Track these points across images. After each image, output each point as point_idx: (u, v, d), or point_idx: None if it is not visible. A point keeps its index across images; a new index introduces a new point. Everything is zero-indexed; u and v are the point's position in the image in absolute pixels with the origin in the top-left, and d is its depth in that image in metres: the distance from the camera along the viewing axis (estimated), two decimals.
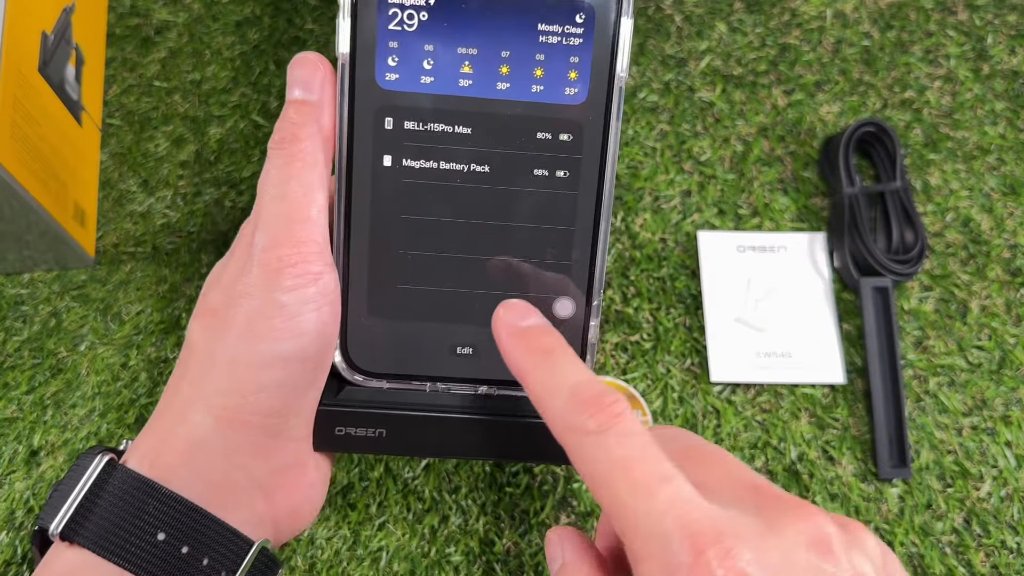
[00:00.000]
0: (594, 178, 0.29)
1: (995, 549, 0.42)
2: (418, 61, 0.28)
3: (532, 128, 0.29)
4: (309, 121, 0.28)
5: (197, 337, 0.28)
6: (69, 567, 0.25)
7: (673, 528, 0.20)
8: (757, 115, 0.52)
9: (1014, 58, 0.53)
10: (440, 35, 0.28)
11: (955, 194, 0.49)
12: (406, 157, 0.29)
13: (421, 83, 0.28)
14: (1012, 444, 0.44)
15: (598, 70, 0.29)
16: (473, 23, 0.28)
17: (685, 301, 0.47)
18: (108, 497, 0.25)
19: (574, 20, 0.28)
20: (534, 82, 0.29)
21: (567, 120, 0.29)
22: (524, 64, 0.28)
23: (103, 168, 0.51)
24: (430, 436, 0.31)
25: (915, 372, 0.45)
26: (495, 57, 0.28)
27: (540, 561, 0.41)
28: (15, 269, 0.48)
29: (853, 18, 0.54)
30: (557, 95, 0.29)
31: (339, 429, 0.31)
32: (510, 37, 0.28)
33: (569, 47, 0.28)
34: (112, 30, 0.55)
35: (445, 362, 0.31)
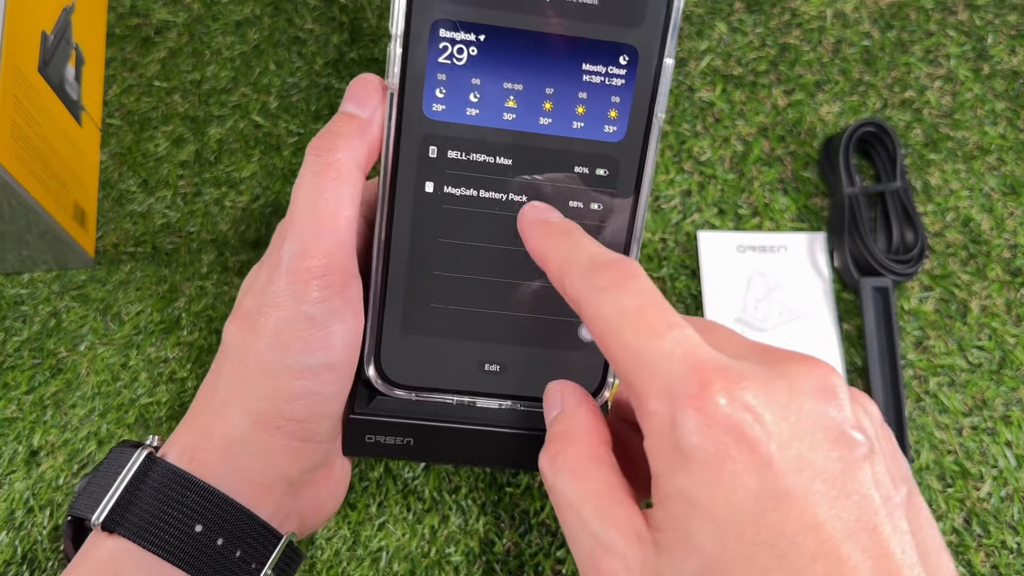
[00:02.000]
0: (627, 211, 0.31)
1: (995, 549, 0.42)
2: (465, 94, 0.29)
3: (570, 162, 0.30)
4: (352, 134, 0.28)
5: (232, 341, 0.29)
6: (110, 555, 0.26)
7: (679, 365, 0.21)
8: (757, 115, 0.52)
9: (1014, 58, 0.53)
10: (488, 70, 0.29)
11: (955, 194, 0.49)
12: (448, 184, 0.30)
13: (467, 115, 0.29)
14: (1012, 444, 0.44)
15: (637, 110, 0.29)
16: (520, 60, 0.29)
17: (685, 301, 0.47)
18: (149, 489, 0.26)
19: (618, 61, 0.29)
20: (575, 119, 0.29)
21: (604, 156, 0.30)
22: (567, 101, 0.29)
23: (103, 168, 0.51)
24: (456, 445, 0.33)
25: (915, 372, 0.45)
26: (539, 93, 0.29)
27: (540, 561, 0.41)
28: (15, 269, 0.48)
29: (853, 18, 0.54)
30: (596, 132, 0.30)
31: (369, 437, 0.33)
32: (555, 75, 0.29)
33: (611, 87, 0.29)
34: (112, 30, 0.55)
35: (473, 378, 0.32)
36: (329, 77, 0.53)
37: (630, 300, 0.23)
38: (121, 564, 0.26)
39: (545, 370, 0.32)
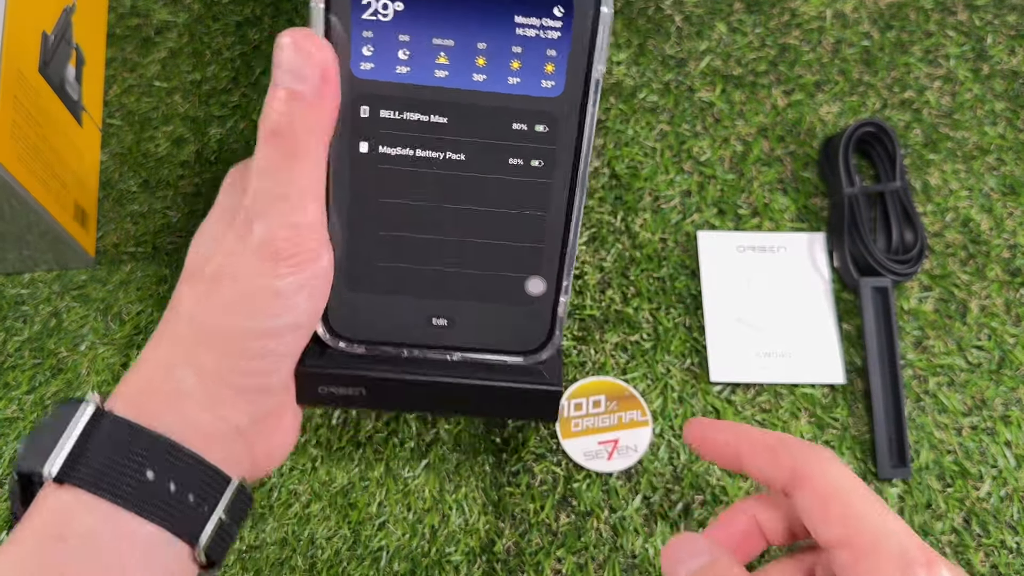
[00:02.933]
0: (568, 168, 0.30)
1: (995, 549, 0.42)
2: (393, 51, 0.28)
3: (508, 119, 0.29)
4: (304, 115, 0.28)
5: (187, 305, 0.29)
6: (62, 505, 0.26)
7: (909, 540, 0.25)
8: (757, 115, 0.52)
9: (1014, 58, 0.53)
10: (416, 26, 0.28)
11: (955, 194, 0.49)
12: (382, 144, 0.29)
13: (397, 73, 0.28)
14: (1012, 444, 0.44)
15: (575, 64, 0.29)
16: (449, 14, 0.28)
17: (685, 301, 0.47)
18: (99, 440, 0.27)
19: (551, 13, 0.28)
20: (510, 74, 0.29)
21: (543, 112, 0.29)
22: (501, 56, 0.28)
23: (103, 168, 0.51)
24: (405, 395, 0.34)
25: (915, 372, 0.45)
26: (471, 49, 0.28)
27: (540, 560, 0.41)
28: (15, 269, 0.48)
29: (853, 18, 0.54)
30: (533, 87, 0.29)
31: (322, 388, 0.33)
32: (487, 29, 0.28)
33: (546, 40, 0.28)
34: (112, 30, 0.55)
35: (421, 332, 0.32)
36: None
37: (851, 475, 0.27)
38: (73, 513, 0.26)
39: (493, 322, 0.32)
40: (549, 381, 0.34)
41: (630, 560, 0.42)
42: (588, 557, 0.42)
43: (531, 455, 0.44)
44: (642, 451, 0.43)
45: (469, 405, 0.35)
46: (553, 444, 0.44)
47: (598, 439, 0.44)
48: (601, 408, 0.44)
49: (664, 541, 0.42)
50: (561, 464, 0.43)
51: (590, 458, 0.43)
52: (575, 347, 0.46)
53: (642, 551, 0.42)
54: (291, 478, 0.43)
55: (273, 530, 0.42)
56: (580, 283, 0.48)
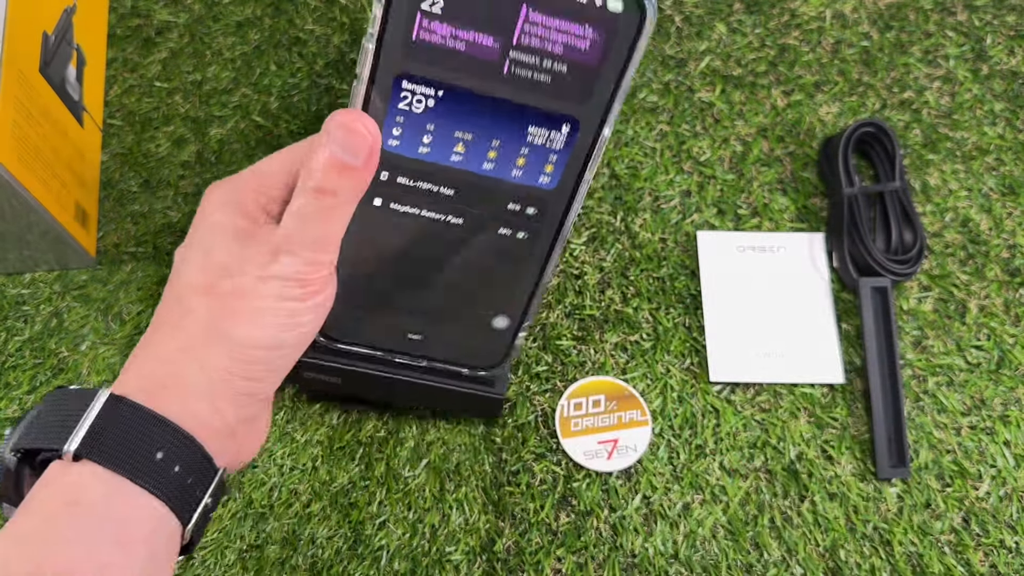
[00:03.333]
0: (549, 240, 0.35)
1: (994, 548, 0.42)
2: (419, 136, 0.32)
3: (506, 200, 0.34)
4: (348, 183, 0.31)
5: (200, 307, 0.32)
6: (78, 478, 0.29)
7: None
8: (756, 115, 0.52)
9: (1013, 59, 0.53)
10: (441, 119, 0.31)
11: (954, 194, 0.49)
12: (395, 203, 0.34)
13: (418, 152, 0.32)
14: (1011, 444, 0.44)
15: (571, 168, 0.33)
16: (472, 116, 0.31)
17: (684, 301, 0.47)
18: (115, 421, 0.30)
19: (560, 129, 0.32)
20: (515, 168, 0.33)
21: (536, 198, 0.34)
22: (510, 153, 0.33)
23: (104, 168, 0.51)
24: (374, 387, 0.41)
25: (914, 372, 0.46)
26: (486, 144, 0.32)
27: (540, 560, 0.41)
28: (16, 269, 0.48)
29: (852, 19, 0.54)
30: (532, 179, 0.33)
31: (308, 373, 0.40)
32: (502, 132, 0.32)
33: (551, 149, 0.32)
34: (113, 31, 0.55)
35: (397, 342, 0.39)
36: (330, 78, 0.53)
37: None
38: (89, 484, 0.29)
39: (459, 344, 0.39)
40: (496, 390, 0.41)
41: (630, 559, 0.42)
42: (588, 556, 0.42)
43: (531, 455, 0.44)
44: (642, 451, 0.44)
45: (427, 400, 0.42)
46: (553, 444, 0.44)
47: (598, 439, 0.44)
48: (601, 408, 0.44)
49: (664, 541, 0.42)
50: (561, 464, 0.44)
51: (590, 458, 0.43)
52: (575, 347, 0.46)
53: (642, 550, 0.42)
54: (292, 478, 0.43)
55: (274, 529, 0.42)
56: (580, 283, 0.48)
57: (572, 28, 0.29)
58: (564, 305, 0.47)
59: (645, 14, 0.29)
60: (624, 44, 0.29)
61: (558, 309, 0.47)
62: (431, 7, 0.29)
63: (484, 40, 0.29)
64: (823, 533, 0.42)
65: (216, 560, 0.41)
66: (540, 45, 0.29)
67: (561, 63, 0.30)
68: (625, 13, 0.29)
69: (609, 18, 0.29)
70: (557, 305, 0.47)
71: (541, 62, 0.30)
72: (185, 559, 0.41)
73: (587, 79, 0.30)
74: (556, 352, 0.46)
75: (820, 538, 0.42)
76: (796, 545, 0.42)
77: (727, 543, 0.42)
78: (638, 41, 0.29)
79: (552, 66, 0.30)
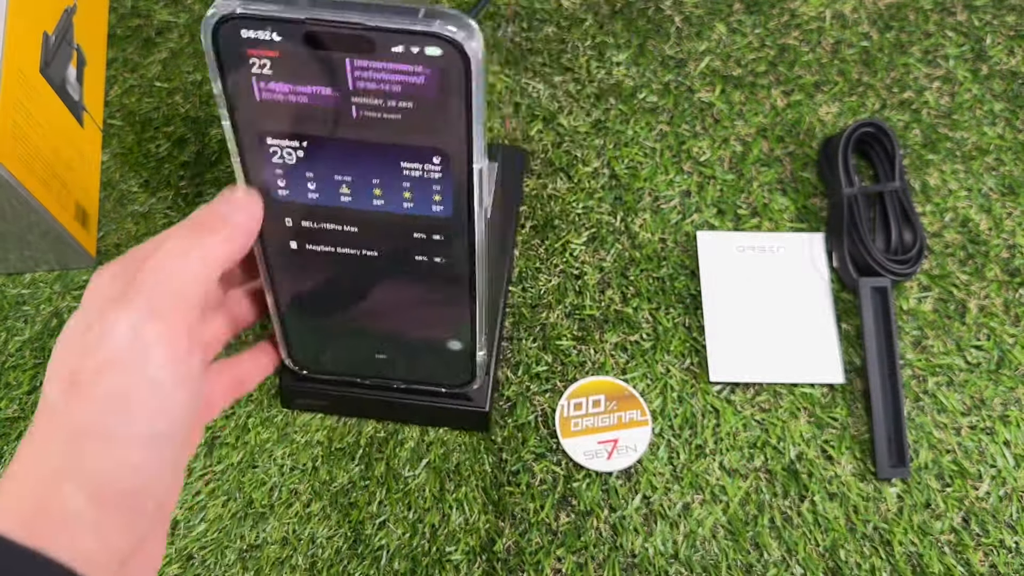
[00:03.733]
0: (467, 260, 0.35)
1: (994, 548, 0.42)
2: (303, 183, 0.33)
3: (408, 229, 0.34)
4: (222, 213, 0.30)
5: (63, 408, 0.28)
6: None
7: None
8: (756, 116, 0.52)
9: (1013, 59, 0.53)
10: (317, 167, 0.32)
11: (954, 194, 0.49)
12: (308, 243, 0.35)
13: (308, 197, 0.33)
14: (1010, 443, 0.44)
15: (459, 195, 0.33)
16: (342, 160, 0.32)
17: (684, 301, 0.47)
18: None
19: (430, 160, 0.32)
20: (404, 200, 0.33)
21: (436, 226, 0.34)
22: (393, 189, 0.33)
23: (104, 168, 0.51)
24: (362, 407, 0.44)
25: (914, 372, 0.46)
26: (368, 183, 0.33)
27: (540, 559, 0.41)
28: (17, 269, 0.48)
29: (852, 19, 0.54)
30: (425, 210, 0.33)
31: (298, 400, 0.44)
32: (378, 171, 0.32)
33: (431, 179, 0.32)
34: (113, 31, 0.55)
35: (371, 365, 0.40)
36: None
37: None
38: None
39: (424, 364, 0.40)
40: (477, 404, 0.43)
41: (630, 559, 0.42)
42: (588, 556, 0.42)
43: (531, 455, 0.44)
44: (641, 451, 0.44)
45: (414, 417, 0.44)
46: (553, 444, 0.44)
47: (598, 439, 0.44)
48: (601, 408, 0.44)
49: (664, 541, 0.42)
50: (561, 464, 0.44)
51: (590, 457, 0.43)
52: (575, 347, 0.46)
53: (642, 551, 0.42)
54: (292, 477, 0.43)
55: (274, 529, 0.42)
56: (580, 283, 0.48)
57: (401, 69, 0.29)
58: (564, 305, 0.47)
59: (467, 55, 0.28)
60: (457, 79, 0.29)
61: (558, 309, 0.47)
62: (261, 70, 0.29)
63: (323, 91, 0.30)
64: (823, 533, 0.42)
65: (216, 560, 0.41)
66: (377, 87, 0.29)
67: (405, 100, 0.30)
68: (445, 56, 0.28)
69: (433, 61, 0.28)
70: (557, 305, 0.47)
71: (385, 102, 0.30)
72: (185, 559, 0.41)
73: (436, 110, 0.30)
74: (556, 352, 0.46)
75: (820, 538, 0.42)
76: (796, 545, 0.42)
77: (727, 543, 0.42)
78: (471, 78, 0.29)
79: (398, 104, 0.30)
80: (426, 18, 0.28)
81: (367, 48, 0.28)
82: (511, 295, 0.47)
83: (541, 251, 0.49)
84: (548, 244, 0.49)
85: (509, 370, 0.46)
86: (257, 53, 0.29)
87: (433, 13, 0.28)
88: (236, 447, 0.44)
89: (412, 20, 0.28)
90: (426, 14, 0.28)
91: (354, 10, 0.28)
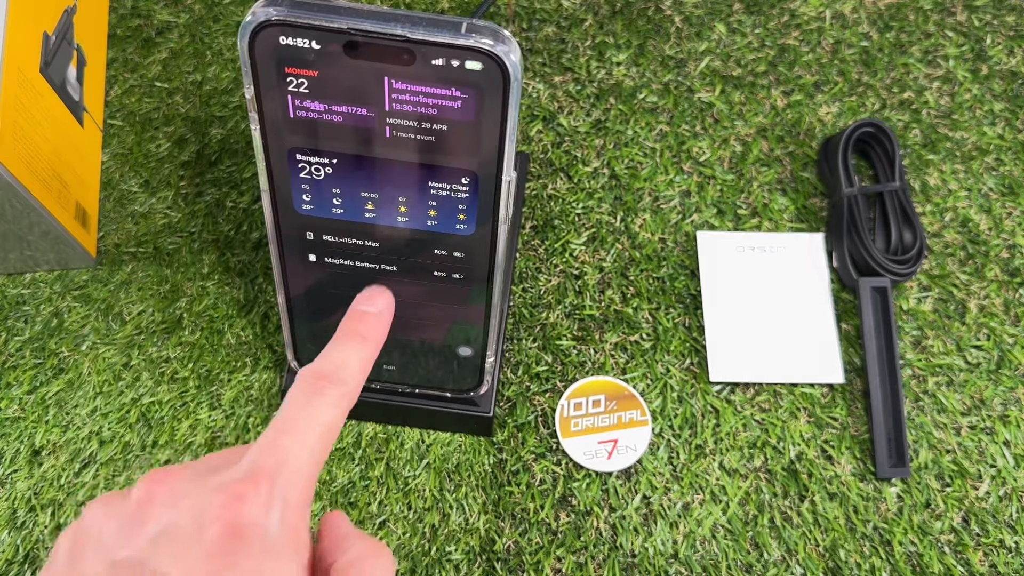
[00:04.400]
0: (485, 275, 0.35)
1: (993, 548, 0.42)
2: (328, 198, 0.33)
3: (430, 246, 0.34)
4: None
5: None
6: None
7: None
8: (756, 116, 0.52)
9: (1012, 59, 0.53)
10: (344, 183, 0.32)
11: (953, 194, 0.50)
12: (327, 256, 0.35)
13: (332, 212, 0.33)
14: (1010, 443, 0.44)
15: (483, 213, 0.33)
16: (371, 178, 0.32)
17: (684, 301, 0.47)
18: None
19: (459, 180, 0.32)
20: (429, 218, 0.33)
21: (458, 242, 0.34)
22: (419, 207, 0.33)
23: (105, 168, 0.51)
24: (372, 412, 0.44)
25: (914, 372, 0.46)
26: (394, 200, 0.33)
27: (540, 559, 0.41)
28: (17, 269, 0.48)
29: (852, 19, 0.54)
30: (448, 228, 0.33)
31: None
32: (405, 189, 0.32)
33: (457, 199, 0.32)
34: (113, 31, 0.55)
35: (378, 373, 0.41)
36: None
37: None
38: None
39: (434, 371, 0.40)
40: (483, 409, 0.43)
41: (629, 559, 0.42)
42: (587, 556, 0.42)
43: (531, 454, 0.44)
44: (641, 450, 0.44)
45: (419, 421, 0.44)
46: (553, 443, 0.44)
47: (598, 439, 0.44)
48: (601, 408, 0.44)
49: (664, 541, 0.42)
50: (561, 463, 0.44)
51: (590, 457, 0.43)
52: (575, 347, 0.46)
53: (641, 550, 0.42)
54: None
55: None
56: (580, 283, 0.48)
57: (440, 91, 0.29)
58: (564, 305, 0.47)
59: (506, 70, 0.28)
60: (495, 97, 0.29)
61: (558, 309, 0.47)
62: (298, 88, 0.29)
63: (358, 111, 0.30)
64: (823, 533, 0.42)
65: None
66: (413, 109, 0.29)
67: (440, 123, 0.30)
68: (485, 70, 0.28)
69: (472, 78, 0.28)
70: (557, 305, 0.47)
71: (420, 124, 0.30)
72: None
73: (470, 134, 0.30)
74: (556, 352, 0.46)
75: (820, 538, 0.42)
76: (796, 545, 0.42)
77: (727, 543, 0.42)
78: (508, 91, 0.29)
79: (432, 126, 0.30)
80: (468, 32, 0.28)
81: (407, 61, 0.28)
82: (511, 295, 0.47)
83: (541, 251, 0.49)
84: (548, 244, 0.49)
85: (509, 370, 0.46)
86: (295, 72, 0.29)
87: (474, 28, 0.28)
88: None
89: (454, 33, 0.28)
90: (468, 28, 0.28)
91: (396, 21, 0.28)
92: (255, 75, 0.29)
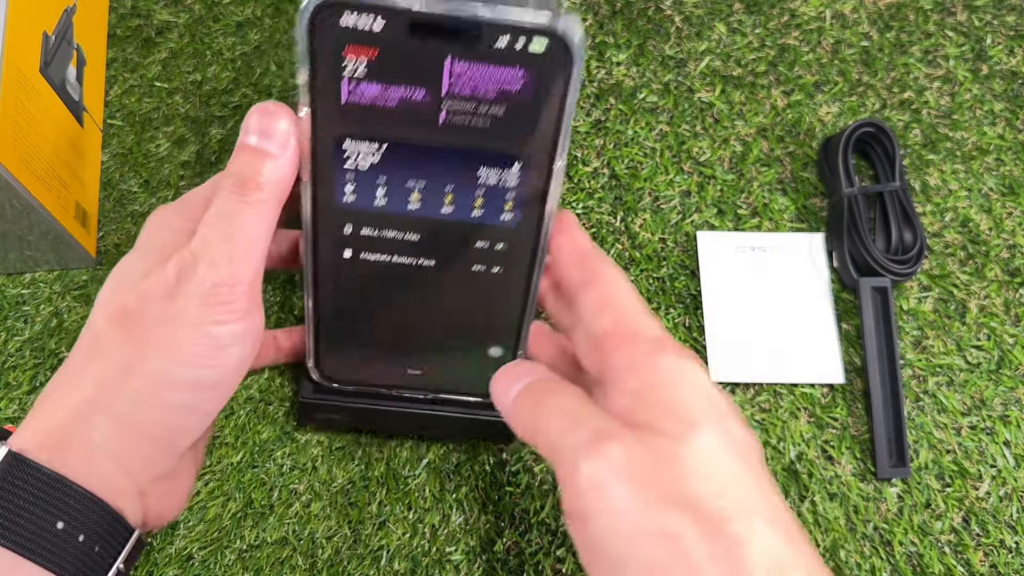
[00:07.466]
0: (525, 269, 0.35)
1: (994, 548, 0.42)
2: (372, 190, 0.32)
3: (472, 239, 0.34)
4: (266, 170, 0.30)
5: (111, 342, 0.29)
6: None
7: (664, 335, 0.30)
8: (756, 116, 0.52)
9: (1013, 59, 0.53)
10: (390, 172, 0.31)
11: (954, 194, 0.49)
12: (364, 252, 0.34)
13: (375, 205, 0.32)
14: (1011, 443, 0.44)
15: (530, 204, 0.32)
16: (419, 166, 0.31)
17: (684, 301, 0.47)
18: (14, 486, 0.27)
19: (510, 167, 0.31)
20: (474, 209, 0.33)
21: (502, 236, 0.34)
22: (466, 196, 0.32)
23: (104, 168, 0.51)
24: (386, 422, 0.42)
25: (914, 372, 0.46)
26: (440, 190, 0.32)
27: (540, 560, 0.41)
28: (17, 269, 0.48)
29: (852, 19, 0.54)
30: (494, 219, 0.33)
31: (318, 415, 0.41)
32: (453, 178, 0.32)
33: (506, 188, 0.32)
34: (113, 31, 0.55)
35: (399, 378, 0.39)
36: None
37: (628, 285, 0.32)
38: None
39: (459, 373, 0.39)
40: None
41: None
42: None
43: (531, 455, 0.44)
44: None
45: (437, 430, 0.42)
46: None
47: None
48: None
49: None
50: None
51: None
52: None
53: None
54: (291, 477, 0.43)
55: (273, 529, 0.42)
56: None
57: (500, 73, 0.28)
58: None
59: (571, 51, 0.28)
60: (557, 81, 0.29)
61: None
62: (355, 73, 0.29)
63: (414, 95, 0.29)
64: (823, 533, 0.42)
65: (216, 560, 0.41)
66: (471, 92, 0.29)
67: (497, 106, 0.29)
68: (550, 53, 0.28)
69: (535, 59, 0.28)
70: None
71: (476, 107, 0.29)
72: (184, 559, 0.41)
73: (527, 118, 0.30)
74: None
75: (820, 538, 0.42)
76: None
77: None
78: (571, 75, 0.29)
79: (488, 110, 0.30)
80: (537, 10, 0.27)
81: (471, 41, 0.28)
82: None
83: None
84: None
85: None
86: (355, 51, 0.28)
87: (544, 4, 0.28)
88: (236, 447, 0.44)
89: (522, 11, 0.27)
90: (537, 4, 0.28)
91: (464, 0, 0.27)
92: (313, 58, 0.28)
